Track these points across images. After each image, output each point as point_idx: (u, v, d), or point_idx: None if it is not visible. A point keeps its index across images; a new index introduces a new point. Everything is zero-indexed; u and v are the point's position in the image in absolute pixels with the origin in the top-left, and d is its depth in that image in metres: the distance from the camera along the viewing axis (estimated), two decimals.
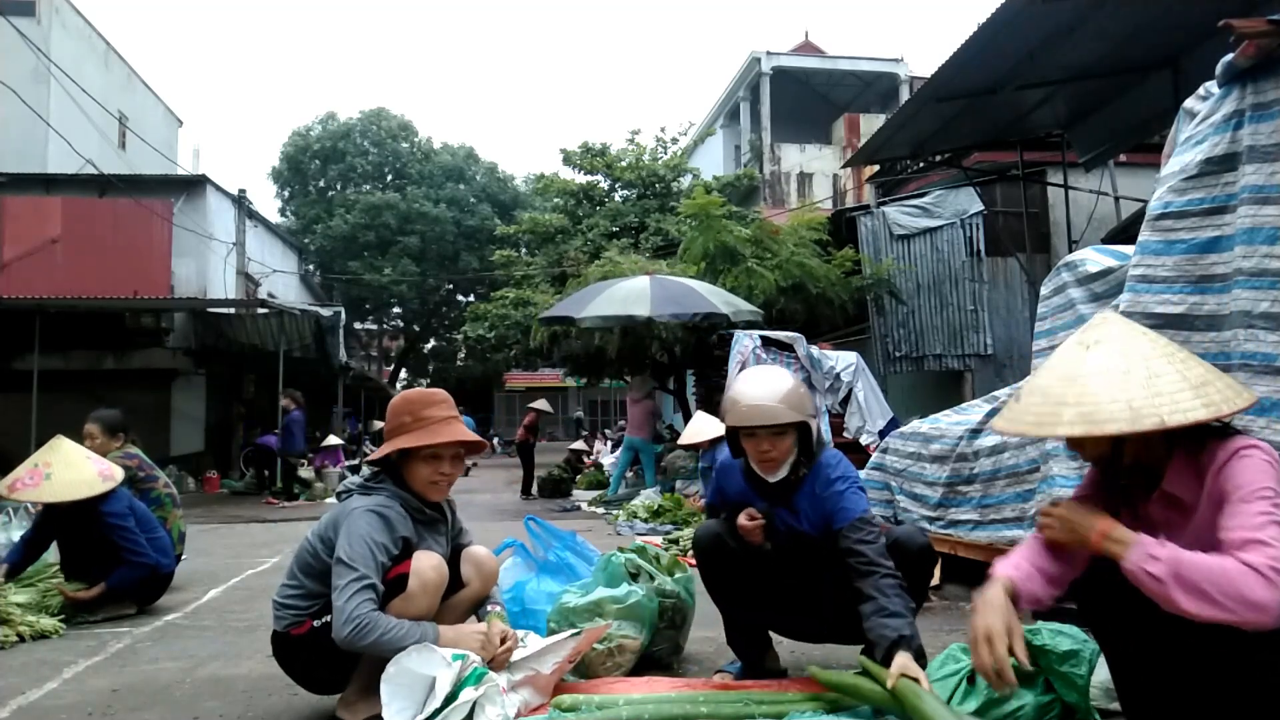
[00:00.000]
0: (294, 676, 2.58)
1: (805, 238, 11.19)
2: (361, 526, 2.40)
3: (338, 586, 2.32)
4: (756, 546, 2.62)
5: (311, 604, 2.48)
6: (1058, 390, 1.72)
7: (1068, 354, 1.78)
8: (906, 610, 2.23)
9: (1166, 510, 1.77)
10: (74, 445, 4.22)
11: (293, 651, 2.52)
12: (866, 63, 24.64)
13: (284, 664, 2.58)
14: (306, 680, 2.59)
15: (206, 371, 15.08)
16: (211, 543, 7.12)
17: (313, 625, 2.46)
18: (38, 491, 3.99)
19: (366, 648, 2.29)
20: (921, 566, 2.52)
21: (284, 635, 2.50)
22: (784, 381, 2.58)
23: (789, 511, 2.63)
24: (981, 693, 2.16)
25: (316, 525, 2.57)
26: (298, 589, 2.51)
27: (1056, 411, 1.69)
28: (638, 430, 10.69)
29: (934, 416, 4.75)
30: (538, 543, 3.49)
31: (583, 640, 2.66)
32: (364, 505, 2.47)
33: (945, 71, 7.58)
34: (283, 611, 2.51)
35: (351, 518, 2.43)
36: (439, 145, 34.44)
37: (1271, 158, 2.51)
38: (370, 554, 2.35)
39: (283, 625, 2.50)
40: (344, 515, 2.47)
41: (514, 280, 21.52)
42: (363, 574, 2.32)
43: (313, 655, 2.47)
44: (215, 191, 16.70)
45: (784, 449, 2.55)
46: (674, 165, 21.28)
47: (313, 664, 2.51)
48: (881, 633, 2.16)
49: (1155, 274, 2.79)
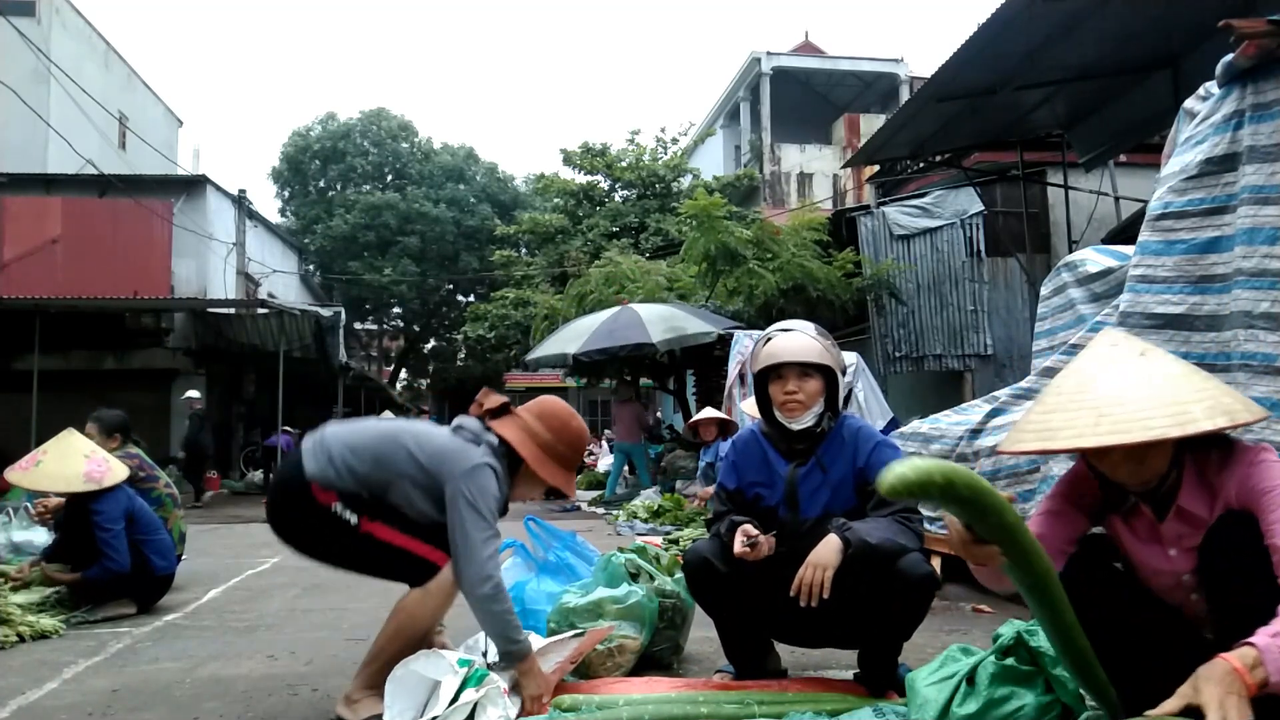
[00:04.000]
0: (272, 515, 2.49)
1: (806, 239, 11.19)
2: (492, 485, 2.44)
3: (467, 533, 2.35)
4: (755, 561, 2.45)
5: (354, 484, 2.41)
6: (1154, 394, 1.66)
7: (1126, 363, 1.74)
8: (893, 536, 2.35)
9: (1182, 525, 1.79)
10: (82, 441, 4.23)
11: (297, 499, 2.42)
12: (866, 63, 24.66)
13: (280, 496, 2.49)
14: (279, 520, 2.49)
15: (206, 371, 15.08)
16: (211, 543, 7.12)
17: (334, 505, 2.38)
18: (24, 475, 4.04)
19: (485, 612, 2.35)
20: (923, 592, 2.38)
21: (305, 482, 2.40)
22: (813, 330, 2.64)
23: (816, 469, 2.55)
24: (982, 694, 2.16)
25: (419, 436, 2.51)
26: (355, 466, 2.42)
27: (1143, 418, 1.62)
28: (626, 435, 10.81)
29: (934, 416, 4.75)
30: (538, 543, 3.48)
31: (585, 641, 2.65)
32: (493, 464, 2.48)
33: (945, 72, 7.58)
34: (326, 466, 2.41)
35: (483, 471, 2.43)
36: (439, 145, 34.43)
37: (1271, 158, 2.51)
38: (494, 514, 2.42)
39: (312, 474, 2.40)
40: (467, 458, 2.44)
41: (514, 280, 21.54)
42: (495, 532, 2.40)
43: (308, 520, 2.41)
44: (215, 191, 16.70)
45: (811, 392, 2.53)
46: (674, 165, 21.29)
47: (302, 524, 2.44)
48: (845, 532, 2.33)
49: (1155, 274, 2.79)
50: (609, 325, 9.87)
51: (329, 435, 2.51)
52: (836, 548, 2.30)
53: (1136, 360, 1.74)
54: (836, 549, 2.30)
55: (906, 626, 2.46)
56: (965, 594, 4.17)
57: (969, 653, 2.27)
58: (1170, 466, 1.76)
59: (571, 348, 9.75)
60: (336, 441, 2.47)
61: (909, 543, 2.37)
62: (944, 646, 2.43)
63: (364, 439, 2.50)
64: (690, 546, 2.70)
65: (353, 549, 2.43)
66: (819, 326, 2.72)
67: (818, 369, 2.55)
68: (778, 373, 2.56)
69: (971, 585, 4.22)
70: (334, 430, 2.54)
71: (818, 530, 2.42)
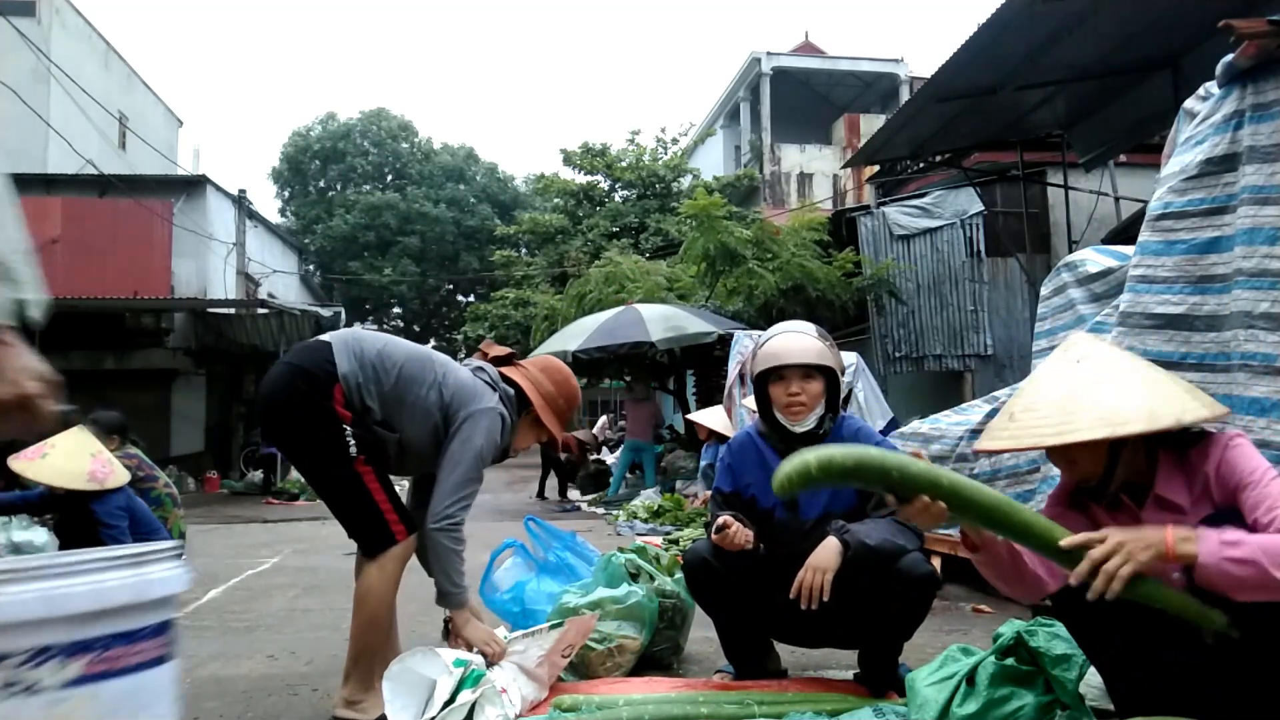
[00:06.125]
0: (279, 404, 2.43)
1: (806, 239, 11.20)
2: (497, 430, 2.52)
3: (458, 466, 2.43)
4: (747, 554, 2.45)
5: (374, 392, 2.42)
6: (1064, 402, 1.77)
7: (1058, 371, 1.85)
8: (892, 536, 2.35)
9: (1161, 514, 1.81)
10: (91, 440, 4.23)
11: (317, 396, 2.38)
12: (866, 63, 24.66)
13: (301, 384, 2.41)
14: (285, 411, 2.44)
15: (206, 372, 15.07)
16: (211, 543, 7.12)
17: (346, 426, 2.37)
18: (29, 465, 4.04)
19: (438, 545, 2.42)
20: (923, 593, 2.38)
21: (333, 377, 2.39)
22: (814, 331, 2.64)
23: None
24: (981, 694, 2.16)
25: (448, 366, 2.56)
26: (381, 376, 2.44)
27: (1071, 420, 1.73)
28: (638, 433, 10.74)
29: (934, 417, 4.75)
30: (538, 543, 3.48)
31: (570, 634, 2.60)
32: (503, 412, 2.56)
33: (945, 72, 7.58)
34: (356, 369, 2.41)
35: (493, 415, 2.51)
36: (439, 145, 34.47)
37: (1271, 158, 2.51)
38: (487, 460, 2.51)
39: (344, 373, 2.40)
40: (484, 399, 2.52)
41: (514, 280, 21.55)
42: (478, 483, 2.49)
43: (315, 424, 2.38)
44: (215, 192, 16.69)
45: (814, 394, 2.53)
46: (674, 165, 21.30)
47: (306, 425, 2.40)
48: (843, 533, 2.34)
49: (1155, 274, 2.79)
50: (610, 323, 9.97)
51: (364, 337, 2.53)
52: (836, 550, 2.30)
53: (1070, 368, 1.84)
54: (836, 551, 2.30)
55: (906, 626, 2.46)
56: (965, 594, 4.17)
57: (969, 653, 2.27)
58: (1108, 467, 1.80)
59: (573, 345, 9.76)
60: (371, 346, 2.49)
61: (908, 543, 2.37)
62: (944, 646, 2.43)
63: (397, 351, 2.52)
64: (690, 546, 2.69)
65: (336, 479, 2.43)
66: (819, 327, 2.71)
67: (820, 370, 2.55)
68: (780, 375, 2.55)
69: (971, 585, 4.23)
70: (368, 335, 2.58)
71: (817, 531, 2.41)
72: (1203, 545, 1.55)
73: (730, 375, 8.41)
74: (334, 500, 2.48)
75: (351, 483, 2.40)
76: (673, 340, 9.55)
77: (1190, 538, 1.56)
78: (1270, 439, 2.43)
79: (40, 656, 1.08)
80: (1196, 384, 2.67)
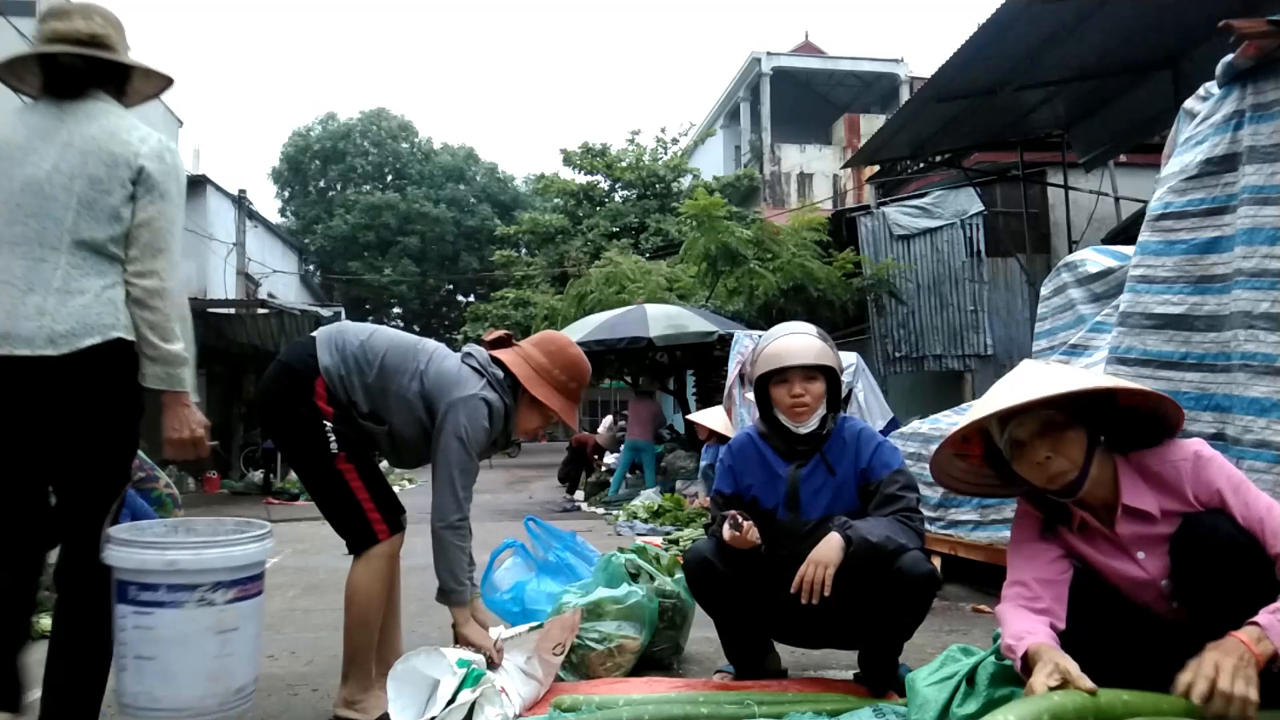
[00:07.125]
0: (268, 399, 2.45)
1: (806, 239, 11.20)
2: (483, 418, 2.43)
3: (449, 462, 2.38)
4: (749, 554, 2.45)
5: (358, 385, 2.40)
6: (1011, 384, 1.94)
7: (1002, 380, 2.02)
8: (894, 535, 2.35)
9: (1133, 524, 1.87)
10: None
11: (300, 390, 2.39)
12: (867, 63, 24.67)
13: (285, 380, 2.43)
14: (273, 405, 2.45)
15: (206, 371, 15.06)
16: None
17: (327, 422, 2.36)
18: None
19: (444, 544, 2.39)
20: (923, 592, 2.37)
21: (315, 371, 2.39)
22: (814, 331, 2.64)
23: (821, 470, 2.54)
24: (981, 694, 2.16)
25: (432, 355, 2.50)
26: (364, 367, 2.42)
27: (1016, 392, 1.88)
28: (640, 432, 10.74)
29: (934, 417, 4.76)
30: (537, 543, 3.48)
31: (555, 630, 2.59)
32: (489, 398, 2.46)
33: (945, 72, 7.59)
34: (338, 362, 2.41)
35: (476, 403, 2.42)
36: (439, 145, 34.49)
37: (1271, 158, 2.51)
38: (479, 449, 2.45)
39: (325, 365, 2.40)
40: (466, 386, 2.44)
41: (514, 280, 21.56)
42: (472, 474, 2.43)
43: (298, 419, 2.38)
44: (215, 192, 16.70)
45: (816, 394, 2.54)
46: (674, 165, 21.31)
47: (291, 420, 2.40)
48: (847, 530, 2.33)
49: (1155, 274, 2.80)
50: (614, 320, 10.13)
51: (347, 329, 2.51)
52: (838, 545, 2.30)
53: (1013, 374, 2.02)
54: (838, 546, 2.30)
55: (907, 626, 2.46)
56: (965, 594, 4.17)
57: (969, 653, 2.27)
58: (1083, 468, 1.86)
59: (575, 338, 9.87)
60: (354, 338, 2.47)
61: (910, 542, 2.37)
62: (944, 646, 2.42)
63: (379, 341, 2.49)
64: (690, 546, 2.68)
65: (320, 475, 2.42)
66: (818, 328, 2.72)
67: (821, 370, 2.56)
68: (782, 376, 2.55)
69: (971, 585, 4.23)
70: (352, 327, 2.55)
71: (819, 531, 2.41)
72: (1275, 636, 1.59)
73: (730, 375, 8.41)
74: (318, 497, 2.47)
75: (332, 480, 2.39)
76: (671, 338, 9.57)
77: (1261, 635, 1.60)
78: (1270, 439, 2.43)
79: (217, 586, 2.06)
80: (1196, 384, 2.69)
